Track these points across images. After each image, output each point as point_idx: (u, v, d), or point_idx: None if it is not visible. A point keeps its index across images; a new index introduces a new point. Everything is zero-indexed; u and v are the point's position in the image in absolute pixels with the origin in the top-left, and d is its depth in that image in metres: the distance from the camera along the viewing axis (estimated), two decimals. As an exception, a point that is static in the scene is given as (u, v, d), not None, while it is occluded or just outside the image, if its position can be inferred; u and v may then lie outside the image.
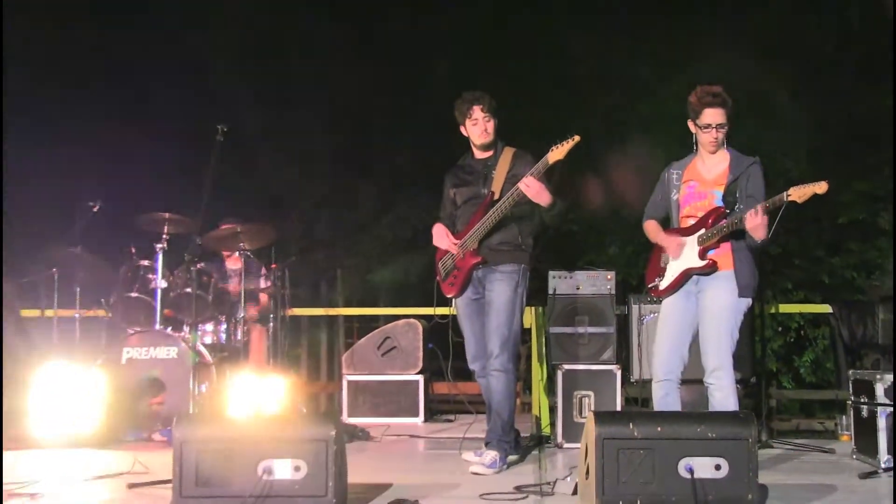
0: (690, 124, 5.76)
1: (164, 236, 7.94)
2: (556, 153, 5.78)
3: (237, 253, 8.27)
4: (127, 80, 11.61)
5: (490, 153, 6.25)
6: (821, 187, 5.19)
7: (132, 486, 5.49)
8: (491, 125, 6.19)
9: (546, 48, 11.98)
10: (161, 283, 7.88)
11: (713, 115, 5.62)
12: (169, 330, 7.77)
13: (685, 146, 5.91)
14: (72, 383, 7.32)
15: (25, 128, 11.00)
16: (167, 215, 7.94)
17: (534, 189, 5.83)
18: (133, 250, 8.24)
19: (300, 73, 11.84)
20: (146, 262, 8.08)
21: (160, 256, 7.88)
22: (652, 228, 6.00)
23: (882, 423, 5.90)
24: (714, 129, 5.62)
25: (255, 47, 11.86)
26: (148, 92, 11.38)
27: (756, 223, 5.32)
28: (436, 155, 6.64)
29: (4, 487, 5.71)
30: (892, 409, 5.89)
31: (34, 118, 11.08)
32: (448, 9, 11.92)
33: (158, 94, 11.49)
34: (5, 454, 6.91)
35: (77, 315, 8.43)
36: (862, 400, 6.25)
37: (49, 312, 8.48)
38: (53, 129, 11.23)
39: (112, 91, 11.51)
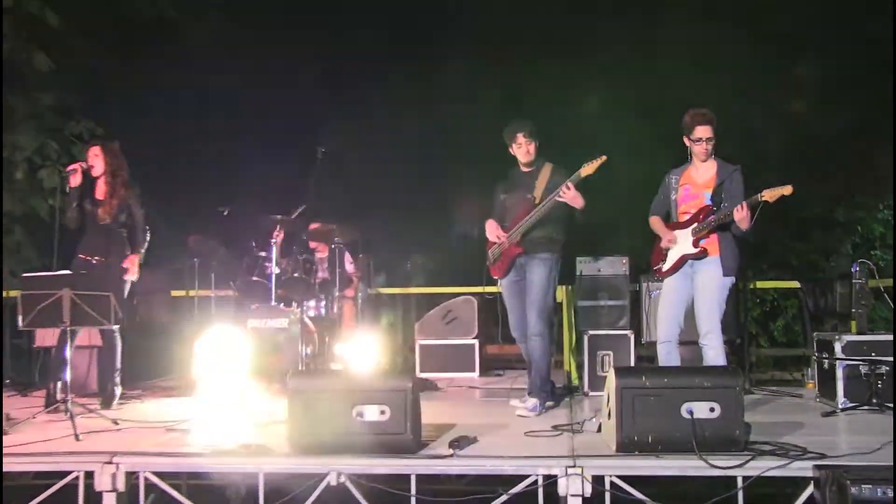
0: (685, 139, 5.78)
1: (277, 233, 7.98)
2: (588, 168, 5.80)
3: (329, 245, 8.29)
4: (249, 107, 11.63)
5: (533, 168, 6.23)
6: (787, 189, 5.30)
7: (258, 425, 5.57)
8: (532, 147, 6.17)
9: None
10: (275, 270, 7.91)
11: (703, 131, 5.68)
12: (281, 305, 7.81)
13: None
14: (213, 344, 7.41)
15: (172, 148, 11.10)
16: (279, 217, 7.97)
17: (570, 195, 5.83)
18: (254, 244, 8.29)
19: (379, 102, 11.76)
20: (263, 254, 8.12)
21: (274, 249, 7.91)
22: (656, 222, 6.00)
23: (839, 373, 5.96)
24: (704, 142, 5.68)
25: (341, 80, 11.77)
26: (264, 116, 11.39)
27: (742, 216, 5.41)
28: (485, 170, 6.63)
29: (160, 422, 5.80)
30: (847, 362, 5.92)
31: (170, 147, 11.14)
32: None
33: (271, 119, 11.52)
34: (160, 401, 7.03)
35: (213, 294, 8.50)
36: (824, 356, 6.28)
37: (192, 293, 8.56)
38: (190, 147, 11.31)
39: (237, 117, 11.54)
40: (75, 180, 6.52)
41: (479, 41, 11.95)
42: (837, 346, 6.00)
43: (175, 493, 4.60)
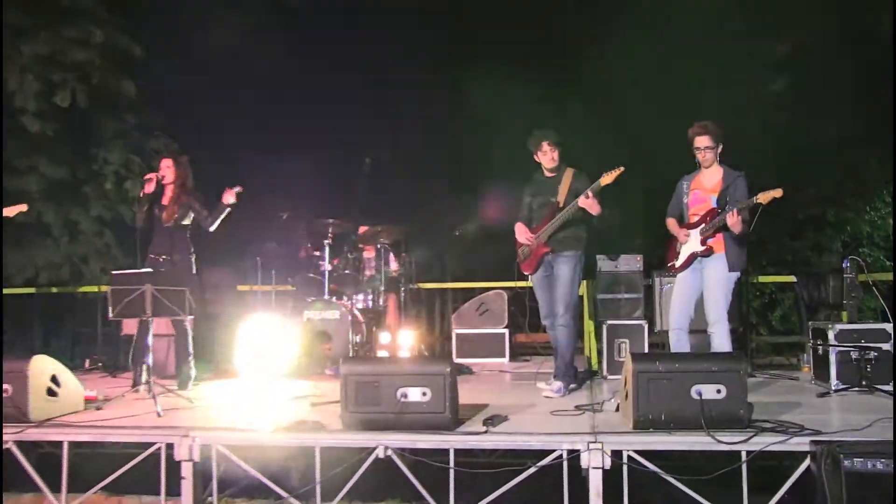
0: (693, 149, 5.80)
1: (330, 235, 8.02)
2: (607, 178, 5.76)
3: (375, 245, 8.32)
4: (304, 122, 11.68)
5: (556, 173, 6.19)
6: (778, 192, 5.28)
7: (314, 404, 5.61)
8: (556, 154, 6.12)
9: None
10: (328, 267, 7.95)
11: (700, 141, 5.72)
12: (334, 299, 7.85)
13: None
14: (273, 334, 7.47)
15: (237, 160, 11.19)
16: (331, 220, 8.02)
17: (589, 203, 5.81)
18: (309, 244, 8.34)
19: (419, 113, 11.74)
20: (318, 253, 8.17)
21: (327, 248, 7.96)
22: (671, 224, 6.01)
23: (832, 358, 5.93)
24: (703, 150, 5.72)
25: (385, 97, 11.77)
26: (317, 131, 11.44)
27: (733, 221, 5.44)
28: (512, 176, 6.63)
29: (229, 403, 5.86)
30: (839, 348, 5.91)
31: (235, 159, 11.23)
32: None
33: (323, 133, 11.56)
34: (228, 382, 7.10)
35: (273, 289, 8.56)
36: (818, 342, 6.25)
37: (255, 287, 8.63)
38: (253, 159, 11.40)
39: (294, 132, 11.60)
40: (149, 188, 6.63)
41: (507, 54, 11.92)
42: (831, 334, 5.98)
43: (242, 463, 4.65)
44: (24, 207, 6.64)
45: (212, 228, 6.79)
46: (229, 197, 6.67)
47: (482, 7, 12.13)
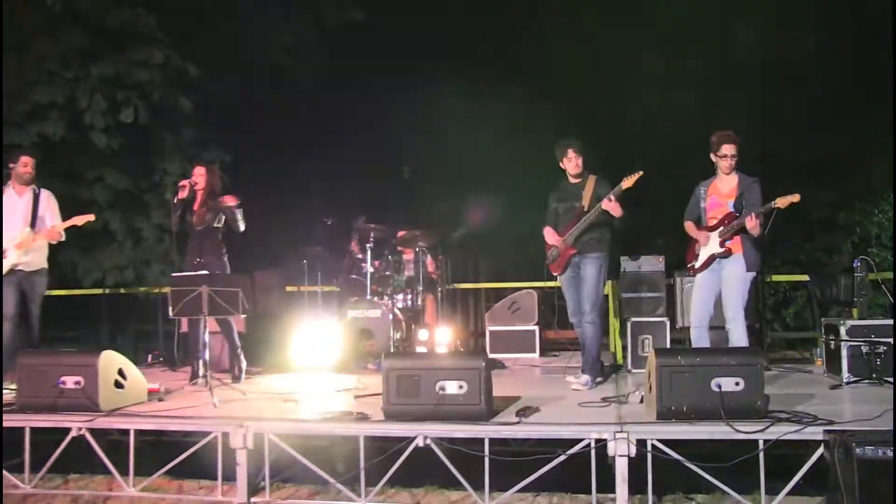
0: (712, 155, 5.76)
1: (371, 238, 8.08)
2: (627, 182, 5.76)
3: (414, 248, 8.36)
4: (347, 134, 11.75)
5: (580, 179, 6.18)
6: (795, 197, 5.27)
7: (357, 396, 5.66)
8: (581, 161, 6.12)
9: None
10: (370, 269, 8.01)
11: (728, 149, 5.66)
12: (376, 299, 7.90)
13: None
14: (319, 332, 7.54)
15: (284, 170, 11.31)
16: (373, 225, 8.07)
17: (612, 206, 5.81)
18: (352, 248, 8.40)
19: (455, 126, 11.74)
20: (360, 256, 8.23)
21: (369, 251, 8.02)
22: (690, 227, 5.98)
23: (844, 352, 5.90)
24: (728, 158, 5.67)
25: (428, 112, 11.79)
26: (360, 144, 11.51)
27: (752, 225, 5.42)
28: (540, 185, 6.65)
29: (279, 394, 5.93)
30: (851, 343, 5.88)
31: (282, 169, 11.32)
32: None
33: (367, 144, 11.63)
34: (278, 376, 7.18)
35: (319, 290, 8.61)
36: (831, 337, 6.22)
37: (302, 288, 8.70)
38: (299, 168, 11.51)
39: (338, 146, 11.68)
40: (182, 193, 6.63)
41: (538, 69, 11.92)
42: (842, 330, 5.95)
43: (292, 451, 4.71)
44: (91, 217, 6.73)
45: (241, 229, 6.79)
46: (229, 201, 6.73)
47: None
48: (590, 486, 4.34)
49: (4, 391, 5.94)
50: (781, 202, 5.30)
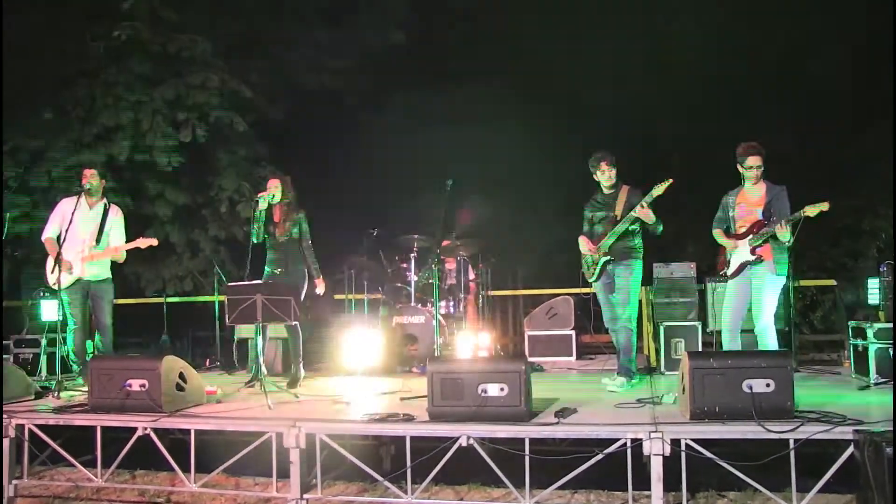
0: (738, 166, 5.74)
1: (415, 249, 8.14)
2: (658, 190, 5.76)
3: (455, 258, 8.40)
4: (389, 149, 11.81)
5: (613, 190, 6.20)
6: (825, 205, 5.23)
7: (403, 398, 5.70)
8: (613, 173, 6.15)
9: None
10: (414, 278, 8.08)
11: (754, 160, 5.64)
12: (419, 305, 7.96)
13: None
14: (366, 337, 7.62)
15: (332, 184, 11.40)
16: (416, 236, 8.14)
17: (644, 213, 5.82)
18: (397, 257, 8.48)
19: (493, 141, 11.72)
20: (405, 265, 8.31)
21: (413, 261, 8.09)
22: (719, 235, 5.95)
23: (872, 354, 5.83)
24: (755, 169, 5.65)
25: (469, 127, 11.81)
26: (406, 161, 11.57)
27: (782, 232, 5.41)
28: (575, 197, 6.65)
29: (329, 396, 6.00)
30: (878, 345, 5.81)
31: (330, 184, 11.43)
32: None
33: (410, 158, 11.67)
34: (328, 379, 7.26)
35: (365, 297, 8.70)
36: (858, 340, 6.14)
37: (349, 296, 8.79)
38: (344, 183, 11.60)
39: (383, 162, 11.73)
40: (261, 206, 6.67)
41: (573, 86, 11.87)
42: (870, 332, 5.88)
43: (342, 450, 4.77)
44: (154, 241, 6.74)
45: (308, 241, 6.85)
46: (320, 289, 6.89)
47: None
48: (625, 483, 4.34)
49: (76, 392, 6.15)
50: (811, 210, 5.26)
